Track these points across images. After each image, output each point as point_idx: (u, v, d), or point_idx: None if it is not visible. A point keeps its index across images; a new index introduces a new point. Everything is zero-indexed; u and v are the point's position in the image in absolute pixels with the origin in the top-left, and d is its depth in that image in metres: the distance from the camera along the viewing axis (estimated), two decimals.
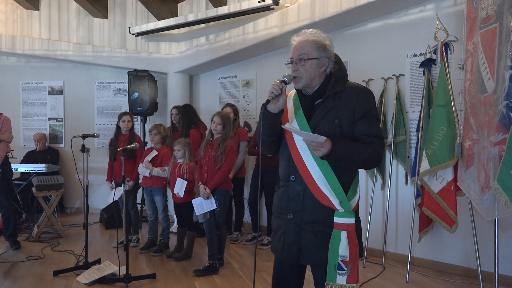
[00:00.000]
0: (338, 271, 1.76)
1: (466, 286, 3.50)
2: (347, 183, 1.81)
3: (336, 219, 1.77)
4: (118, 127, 4.76)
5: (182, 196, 4.09)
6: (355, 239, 1.78)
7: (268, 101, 1.76)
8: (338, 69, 1.86)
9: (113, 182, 4.55)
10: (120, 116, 4.77)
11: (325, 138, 1.68)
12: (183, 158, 4.19)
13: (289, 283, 1.96)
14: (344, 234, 1.76)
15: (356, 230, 1.80)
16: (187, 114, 5.10)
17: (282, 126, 1.80)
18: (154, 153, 4.46)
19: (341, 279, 1.76)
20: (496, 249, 2.75)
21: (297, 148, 1.82)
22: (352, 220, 1.78)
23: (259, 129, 1.87)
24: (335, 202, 1.77)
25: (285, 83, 1.78)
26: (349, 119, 1.78)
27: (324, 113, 1.80)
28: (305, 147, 1.79)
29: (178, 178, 4.11)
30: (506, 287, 3.35)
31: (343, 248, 1.75)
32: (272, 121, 1.82)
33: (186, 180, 4.09)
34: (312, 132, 1.74)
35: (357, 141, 1.78)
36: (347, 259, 1.76)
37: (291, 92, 1.96)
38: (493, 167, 2.38)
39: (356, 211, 1.83)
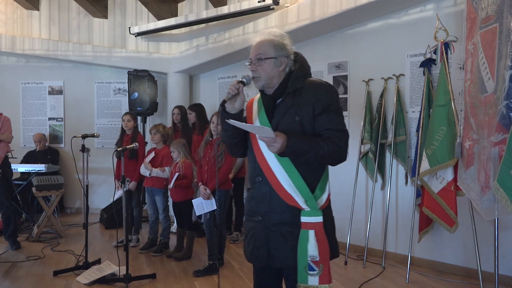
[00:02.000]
0: (309, 272, 1.72)
1: (466, 286, 3.50)
2: (314, 181, 1.78)
3: (303, 218, 1.74)
4: (122, 127, 4.82)
5: (171, 187, 4.12)
6: (324, 238, 1.74)
7: (224, 101, 1.78)
8: (299, 67, 1.85)
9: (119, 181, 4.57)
10: (122, 116, 4.86)
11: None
12: (179, 158, 4.24)
13: (270, 285, 1.95)
14: (312, 233, 1.72)
15: (326, 229, 1.76)
16: (202, 114, 5.12)
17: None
18: (152, 155, 4.50)
19: (313, 280, 1.72)
20: (496, 249, 2.75)
21: (261, 149, 1.81)
22: (319, 219, 1.74)
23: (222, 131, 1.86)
24: (300, 201, 1.74)
25: (243, 83, 1.80)
26: (310, 115, 1.76)
27: (285, 111, 1.79)
28: None
29: (175, 173, 4.15)
30: (506, 287, 3.35)
31: (312, 248, 1.71)
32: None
33: (182, 176, 4.12)
34: (274, 131, 1.69)
35: (318, 136, 1.75)
36: (317, 259, 1.72)
37: (258, 95, 1.95)
38: (493, 167, 2.38)
39: (326, 209, 1.81)
